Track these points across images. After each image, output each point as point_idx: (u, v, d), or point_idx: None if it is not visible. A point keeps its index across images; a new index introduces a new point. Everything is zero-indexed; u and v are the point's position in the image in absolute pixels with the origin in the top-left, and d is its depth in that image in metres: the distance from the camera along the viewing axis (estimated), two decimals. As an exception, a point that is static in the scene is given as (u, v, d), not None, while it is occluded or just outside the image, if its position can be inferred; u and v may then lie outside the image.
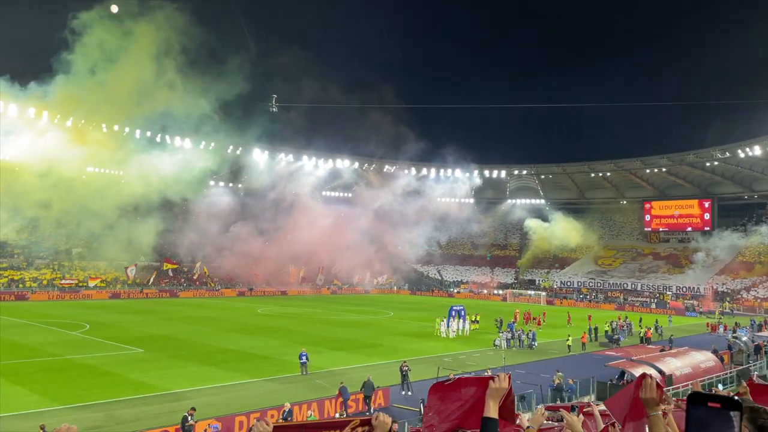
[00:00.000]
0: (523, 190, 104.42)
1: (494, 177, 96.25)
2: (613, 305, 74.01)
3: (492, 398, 2.72)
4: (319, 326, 45.82)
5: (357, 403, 22.02)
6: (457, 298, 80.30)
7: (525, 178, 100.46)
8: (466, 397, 2.80)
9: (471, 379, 2.94)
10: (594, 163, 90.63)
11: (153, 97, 60.50)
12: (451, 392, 2.91)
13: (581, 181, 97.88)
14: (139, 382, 24.95)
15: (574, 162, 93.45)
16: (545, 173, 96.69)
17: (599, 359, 32.51)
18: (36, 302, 58.93)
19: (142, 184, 63.78)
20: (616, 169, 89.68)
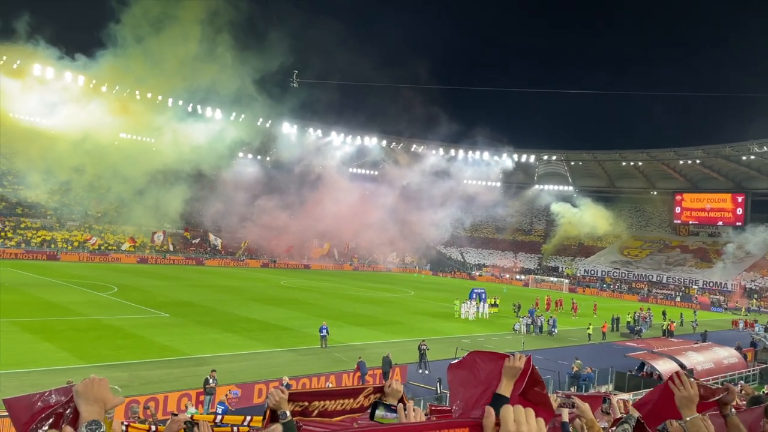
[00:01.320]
0: (551, 176, 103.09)
1: (523, 161, 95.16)
2: (637, 296, 73.18)
3: (506, 376, 2.71)
4: (340, 301, 46.29)
5: (374, 378, 22.27)
6: (478, 281, 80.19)
7: (554, 164, 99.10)
8: (489, 380, 2.79)
9: (486, 356, 2.92)
10: (626, 152, 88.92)
11: (188, 68, 60.94)
12: (471, 375, 2.90)
13: (612, 170, 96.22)
14: (163, 345, 25.60)
15: (605, 150, 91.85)
16: (575, 160, 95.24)
17: (619, 349, 32.31)
18: (67, 263, 60.57)
19: (172, 152, 64.62)
20: (648, 158, 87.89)
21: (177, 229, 77.38)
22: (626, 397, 20.39)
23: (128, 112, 62.93)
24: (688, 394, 2.65)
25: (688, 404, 2.66)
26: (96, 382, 2.21)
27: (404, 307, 45.63)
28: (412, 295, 56.13)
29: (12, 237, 64.67)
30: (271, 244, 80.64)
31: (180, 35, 58.32)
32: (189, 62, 60.68)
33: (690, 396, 2.65)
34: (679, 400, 2.69)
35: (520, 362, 2.71)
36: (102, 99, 61.10)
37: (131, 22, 55.41)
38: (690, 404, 2.65)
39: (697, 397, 2.67)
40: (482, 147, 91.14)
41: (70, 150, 58.06)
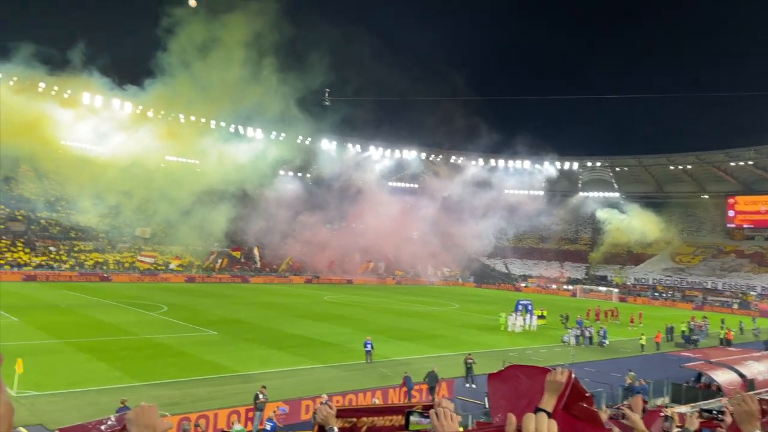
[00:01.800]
0: (596, 182, 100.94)
1: (566, 169, 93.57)
2: (692, 304, 70.56)
3: (548, 391, 2.63)
4: (384, 315, 46.18)
5: (421, 393, 22.05)
6: (524, 292, 78.85)
7: (598, 171, 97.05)
8: (531, 393, 2.71)
9: (527, 370, 2.84)
10: (673, 156, 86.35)
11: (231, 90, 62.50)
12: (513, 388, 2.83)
13: (659, 174, 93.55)
14: (212, 362, 25.99)
15: (651, 154, 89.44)
16: (620, 165, 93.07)
17: (674, 360, 31.08)
18: (118, 284, 62.48)
19: (216, 172, 66.28)
20: (697, 161, 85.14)
21: (222, 247, 78.95)
22: (684, 410, 19.59)
23: (173, 136, 65.00)
24: (750, 409, 2.57)
25: (749, 419, 2.58)
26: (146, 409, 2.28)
27: (449, 321, 45.18)
28: (457, 308, 55.57)
29: (66, 260, 67.19)
30: (313, 259, 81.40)
31: (222, 60, 60.02)
32: (231, 85, 62.27)
33: (751, 411, 2.56)
34: (739, 416, 2.61)
35: (561, 376, 2.64)
36: (149, 124, 63.33)
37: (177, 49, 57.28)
38: (752, 419, 2.57)
39: (758, 412, 2.57)
40: (523, 156, 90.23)
41: (119, 174, 60.19)
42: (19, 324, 33.10)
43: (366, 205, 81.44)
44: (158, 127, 63.97)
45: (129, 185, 63.09)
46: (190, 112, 64.85)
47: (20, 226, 70.86)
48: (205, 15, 57.26)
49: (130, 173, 60.95)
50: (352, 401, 19.85)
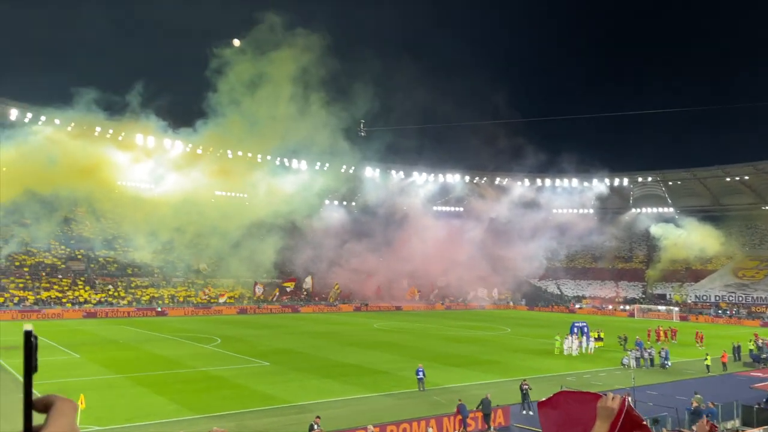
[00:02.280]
0: (648, 198, 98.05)
1: (616, 185, 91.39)
2: (759, 321, 67.02)
3: (600, 418, 2.52)
4: (435, 342, 45.63)
5: (476, 421, 21.58)
6: (578, 313, 76.63)
7: (650, 186, 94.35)
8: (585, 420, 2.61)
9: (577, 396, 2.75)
10: (729, 167, 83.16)
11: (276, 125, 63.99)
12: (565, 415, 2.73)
13: (715, 187, 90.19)
14: (265, 393, 26.17)
15: (705, 166, 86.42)
16: (673, 179, 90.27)
17: (744, 381, 29.53)
18: (174, 317, 64.03)
19: (263, 205, 67.65)
20: (755, 171, 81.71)
21: (272, 278, 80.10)
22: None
23: (222, 172, 66.84)
24: None
25: None
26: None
27: (501, 345, 44.26)
28: (509, 332, 54.43)
29: (124, 296, 69.42)
30: (362, 287, 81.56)
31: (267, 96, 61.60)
32: (276, 120, 63.76)
33: None
34: None
35: (614, 402, 2.53)
36: (198, 161, 65.37)
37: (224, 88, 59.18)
38: None
39: None
40: (571, 174, 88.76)
41: (171, 211, 62.12)
42: (80, 360, 34.24)
43: (412, 230, 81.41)
44: (208, 164, 66.00)
45: (181, 221, 65.02)
46: (238, 148, 66.76)
47: (80, 264, 73.87)
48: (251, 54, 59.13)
49: (182, 210, 62.87)
50: (407, 430, 19.57)
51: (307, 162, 71.83)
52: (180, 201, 62.17)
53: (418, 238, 79.56)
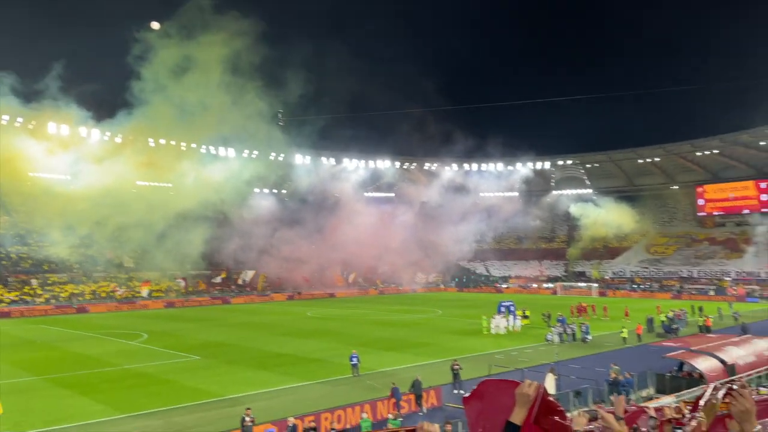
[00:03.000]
0: (569, 180, 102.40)
1: (539, 168, 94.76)
2: (669, 294, 71.75)
3: (518, 404, 2.66)
4: (368, 327, 46.06)
5: (409, 403, 22.03)
6: (505, 293, 79.32)
7: (570, 168, 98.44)
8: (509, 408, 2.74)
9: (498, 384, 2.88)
10: (641, 149, 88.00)
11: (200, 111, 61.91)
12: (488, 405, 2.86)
13: (629, 168, 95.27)
14: (195, 388, 25.61)
15: (620, 149, 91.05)
16: (591, 162, 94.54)
17: (656, 351, 31.57)
18: (96, 314, 61.29)
19: (189, 194, 65.47)
20: (665, 153, 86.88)
21: (200, 269, 78.04)
22: (669, 401, 19.86)
23: (143, 160, 64.05)
24: (746, 408, 2.55)
25: (748, 418, 2.55)
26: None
27: (433, 327, 45.23)
28: (440, 314, 55.67)
29: (41, 294, 65.71)
30: (293, 275, 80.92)
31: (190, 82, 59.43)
32: (200, 106, 61.70)
33: (748, 409, 2.54)
34: (737, 415, 2.58)
35: (530, 389, 2.68)
36: (119, 151, 62.31)
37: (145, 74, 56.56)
38: (750, 417, 2.55)
39: (754, 408, 2.56)
40: (496, 159, 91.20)
41: (89, 203, 59.11)
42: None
43: (343, 216, 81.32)
44: (129, 153, 63.01)
45: (100, 213, 61.96)
46: (161, 136, 64.07)
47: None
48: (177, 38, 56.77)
49: (100, 201, 59.87)
50: (341, 417, 19.74)
51: (235, 150, 69.99)
52: (99, 193, 59.19)
53: (350, 224, 79.58)
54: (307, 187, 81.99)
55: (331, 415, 19.60)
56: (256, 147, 70.28)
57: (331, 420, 19.34)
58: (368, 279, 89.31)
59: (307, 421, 18.77)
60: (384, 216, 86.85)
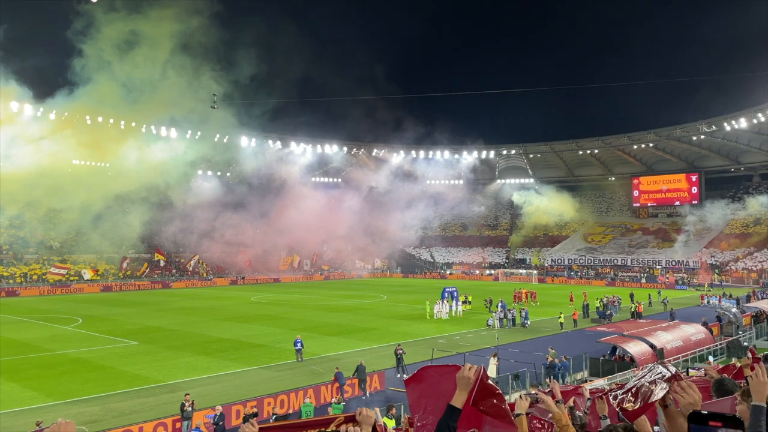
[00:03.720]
0: (512, 170, 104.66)
1: (483, 158, 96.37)
2: (604, 281, 74.71)
3: (459, 387, 2.72)
4: (313, 312, 45.96)
5: (353, 387, 22.17)
6: (449, 279, 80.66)
7: (514, 158, 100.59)
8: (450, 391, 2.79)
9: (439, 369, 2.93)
10: (581, 141, 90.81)
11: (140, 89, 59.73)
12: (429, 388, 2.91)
13: (569, 159, 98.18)
14: (134, 374, 24.96)
15: (561, 140, 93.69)
16: (533, 152, 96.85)
17: (591, 335, 32.80)
18: (27, 298, 58.64)
19: (128, 175, 63.24)
20: (603, 146, 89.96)
21: (140, 253, 75.76)
22: (601, 383, 20.75)
23: (80, 139, 61.29)
24: (694, 400, 2.57)
25: None
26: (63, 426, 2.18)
27: (378, 313, 45.57)
28: (385, 300, 56.12)
29: (-34, 276, 62.32)
30: (237, 260, 79.68)
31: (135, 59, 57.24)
32: (145, 85, 59.51)
33: (696, 401, 2.57)
34: (684, 408, 2.58)
35: (470, 372, 2.73)
36: (52, 128, 59.35)
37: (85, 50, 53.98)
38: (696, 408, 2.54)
39: (701, 400, 2.60)
40: (443, 147, 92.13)
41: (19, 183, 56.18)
42: None
43: (289, 201, 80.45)
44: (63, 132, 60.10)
45: (33, 193, 59.04)
46: (99, 114, 61.33)
47: None
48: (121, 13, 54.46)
49: (33, 180, 56.99)
50: (284, 402, 19.68)
51: (177, 130, 67.84)
52: (31, 173, 56.30)
53: (296, 208, 78.85)
54: (252, 171, 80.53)
55: (273, 400, 19.50)
56: (200, 128, 68.40)
57: (273, 405, 19.24)
58: (314, 264, 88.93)
59: (249, 406, 18.62)
60: (331, 201, 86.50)
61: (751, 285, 63.07)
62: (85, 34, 53.18)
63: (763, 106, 66.56)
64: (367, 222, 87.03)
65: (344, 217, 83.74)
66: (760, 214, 78.66)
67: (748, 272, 69.76)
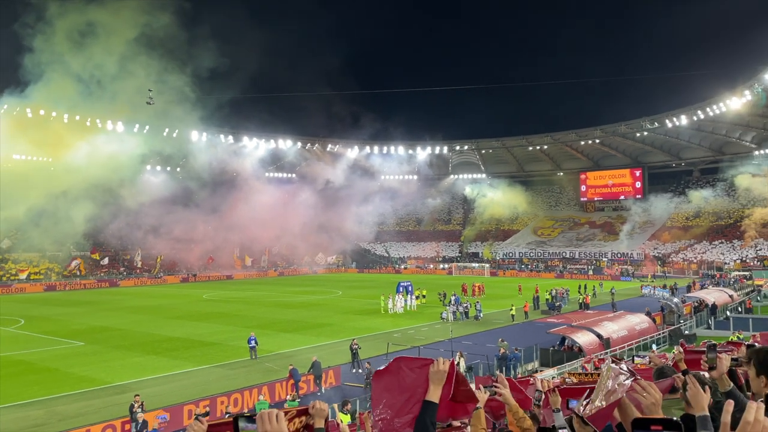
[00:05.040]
0: (465, 165, 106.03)
1: (437, 153, 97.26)
2: (553, 274, 76.64)
3: (433, 382, 2.75)
4: (267, 309, 45.49)
5: (308, 384, 22.09)
6: (404, 273, 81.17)
7: (466, 154, 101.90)
8: (414, 386, 2.81)
9: (410, 362, 2.94)
10: (531, 137, 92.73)
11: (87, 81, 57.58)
12: (396, 380, 2.92)
13: (520, 155, 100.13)
14: (80, 376, 24.17)
15: (512, 136, 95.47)
16: (485, 147, 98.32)
17: (542, 327, 33.68)
18: (-37, 299, 55.86)
19: (73, 170, 60.87)
20: (552, 142, 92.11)
21: (85, 251, 73.21)
22: (551, 373, 21.33)
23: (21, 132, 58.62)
24: (655, 400, 2.55)
25: (656, 410, 2.54)
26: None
27: (333, 308, 45.47)
28: (340, 295, 56.04)
29: None
30: (189, 257, 77.96)
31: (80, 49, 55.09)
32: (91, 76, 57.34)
33: (657, 401, 2.55)
34: (647, 408, 2.55)
35: (444, 366, 2.76)
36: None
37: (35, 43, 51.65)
38: (658, 409, 2.54)
39: (661, 399, 2.59)
40: (397, 142, 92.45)
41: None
42: None
43: (242, 196, 79.13)
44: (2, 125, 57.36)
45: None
46: (41, 107, 58.71)
47: None
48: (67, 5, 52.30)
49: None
50: (238, 400, 19.45)
51: (124, 124, 65.63)
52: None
53: (249, 204, 77.62)
54: (203, 166, 78.75)
55: (227, 399, 19.25)
56: (148, 122, 66.44)
57: (227, 404, 19.00)
58: (268, 260, 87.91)
59: (202, 405, 18.33)
60: (285, 197, 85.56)
61: (691, 276, 65.88)
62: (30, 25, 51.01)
63: (702, 104, 69.46)
64: (322, 217, 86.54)
65: (298, 213, 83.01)
66: (700, 208, 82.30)
67: (689, 263, 72.85)
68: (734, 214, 78.85)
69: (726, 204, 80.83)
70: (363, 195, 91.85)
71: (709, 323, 35.21)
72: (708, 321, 35.49)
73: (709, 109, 68.28)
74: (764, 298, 45.73)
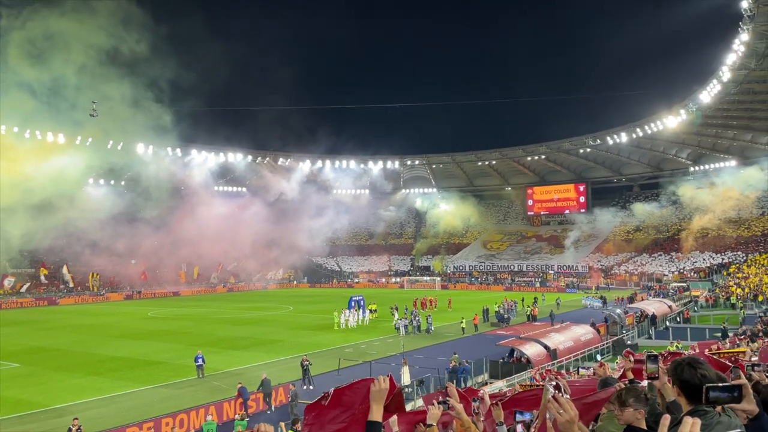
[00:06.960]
0: (416, 179, 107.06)
1: (389, 168, 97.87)
2: (502, 286, 77.96)
3: (375, 402, 2.75)
4: (215, 326, 44.45)
5: (257, 402, 21.66)
6: (356, 288, 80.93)
7: (418, 168, 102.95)
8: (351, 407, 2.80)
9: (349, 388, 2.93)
10: (480, 152, 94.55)
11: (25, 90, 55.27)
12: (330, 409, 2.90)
13: (470, 170, 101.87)
14: (15, 399, 22.96)
15: (462, 152, 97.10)
16: (436, 162, 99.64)
17: (491, 339, 34.14)
18: None
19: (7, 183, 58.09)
20: (500, 157, 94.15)
21: (23, 268, 69.86)
22: (500, 384, 21.62)
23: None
24: (570, 417, 2.46)
25: (570, 428, 2.45)
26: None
27: (283, 324, 44.84)
28: (291, 311, 55.34)
29: None
30: (132, 273, 75.47)
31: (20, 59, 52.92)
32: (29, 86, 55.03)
33: (572, 418, 2.46)
34: (562, 426, 2.47)
35: (385, 383, 2.76)
36: None
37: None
38: (572, 427, 2.45)
39: (577, 417, 2.48)
40: (349, 156, 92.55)
41: None
42: None
43: (189, 210, 77.29)
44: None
45: None
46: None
47: None
48: None
49: None
50: (184, 421, 18.87)
51: (66, 135, 63.19)
52: None
53: (197, 219, 75.87)
54: (149, 179, 76.56)
55: (172, 420, 18.64)
56: (91, 134, 64.22)
57: (172, 425, 18.39)
58: (217, 276, 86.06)
59: (146, 428, 17.69)
60: (235, 211, 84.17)
61: (633, 287, 68.20)
62: None
63: (641, 122, 72.45)
64: (273, 232, 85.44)
65: (249, 227, 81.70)
66: (641, 222, 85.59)
67: (630, 275, 75.41)
68: (672, 227, 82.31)
69: (665, 218, 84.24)
70: (315, 209, 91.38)
71: (650, 333, 36.50)
72: (649, 331, 36.78)
73: (647, 126, 71.23)
74: (701, 309, 47.84)
